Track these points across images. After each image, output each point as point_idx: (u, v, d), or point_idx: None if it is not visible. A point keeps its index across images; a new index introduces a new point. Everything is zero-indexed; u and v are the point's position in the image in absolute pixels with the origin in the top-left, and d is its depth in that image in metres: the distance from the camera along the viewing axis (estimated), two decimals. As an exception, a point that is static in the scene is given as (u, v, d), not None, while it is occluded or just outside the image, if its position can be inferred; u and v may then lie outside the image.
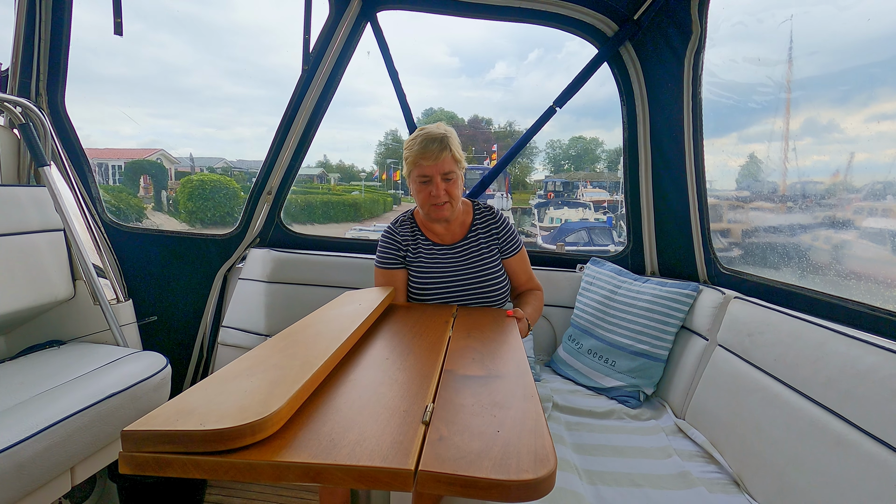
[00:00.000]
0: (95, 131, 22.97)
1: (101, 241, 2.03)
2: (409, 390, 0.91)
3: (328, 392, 0.88)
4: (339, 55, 2.14)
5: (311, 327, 1.16)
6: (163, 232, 2.32)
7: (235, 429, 0.66)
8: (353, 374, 0.98)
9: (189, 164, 14.75)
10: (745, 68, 2.12)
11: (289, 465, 0.64)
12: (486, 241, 1.74)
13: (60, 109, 2.03)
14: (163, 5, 67.79)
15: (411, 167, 1.60)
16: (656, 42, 1.96)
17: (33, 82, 1.96)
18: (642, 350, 1.79)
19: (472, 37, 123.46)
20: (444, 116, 25.23)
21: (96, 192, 2.17)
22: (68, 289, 1.89)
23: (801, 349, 1.22)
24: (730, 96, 2.19)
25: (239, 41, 78.47)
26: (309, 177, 19.30)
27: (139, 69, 51.13)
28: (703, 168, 1.89)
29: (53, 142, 1.94)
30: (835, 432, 1.06)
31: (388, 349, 1.16)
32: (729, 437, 1.38)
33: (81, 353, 1.74)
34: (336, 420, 0.77)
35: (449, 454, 0.68)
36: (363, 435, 0.72)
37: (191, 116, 62.59)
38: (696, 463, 1.37)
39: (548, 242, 11.69)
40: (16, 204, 1.73)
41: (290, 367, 0.88)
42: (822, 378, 1.12)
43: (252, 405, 0.72)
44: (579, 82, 2.15)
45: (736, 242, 2.21)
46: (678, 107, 1.90)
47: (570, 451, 1.39)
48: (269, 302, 2.23)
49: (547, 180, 19.12)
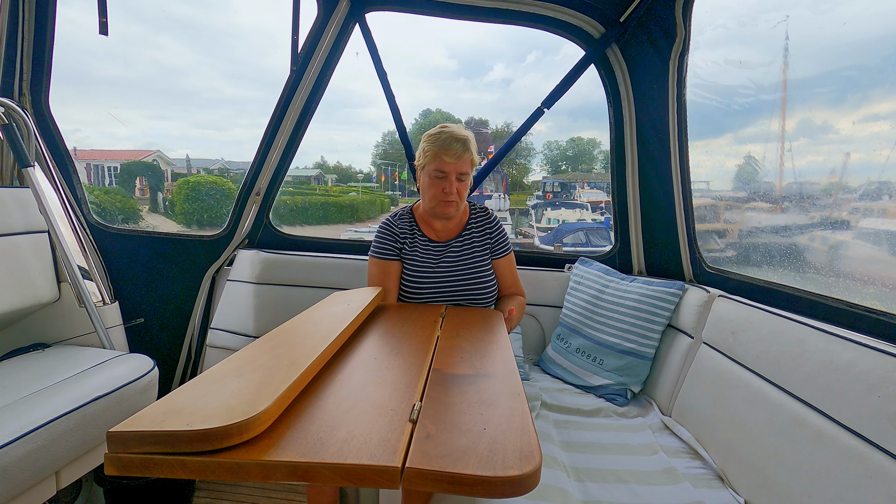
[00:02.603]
0: (94, 133, 22.65)
1: (86, 242, 2.00)
2: (398, 389, 0.91)
3: (316, 392, 0.88)
4: (327, 56, 2.14)
5: (299, 328, 1.16)
6: (150, 233, 2.30)
7: (222, 429, 0.66)
8: (341, 374, 0.98)
9: (185, 165, 14.58)
10: (735, 71, 2.15)
11: (276, 464, 0.65)
12: (480, 241, 1.77)
13: (44, 110, 2.01)
14: (163, 8, 67.26)
15: (430, 159, 1.62)
16: (642, 44, 1.99)
17: (16, 82, 1.93)
18: (629, 349, 1.81)
19: (471, 40, 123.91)
20: (442, 117, 25.16)
21: (81, 194, 2.15)
22: (53, 291, 1.87)
23: (783, 346, 1.24)
24: (719, 99, 2.23)
25: (238, 43, 78.10)
26: (306, 178, 19.20)
27: (138, 71, 50.54)
28: (688, 168, 1.92)
29: (37, 142, 1.92)
30: (815, 427, 1.08)
31: (377, 349, 1.17)
32: (713, 433, 1.41)
33: (67, 356, 1.73)
34: (324, 419, 0.77)
35: (436, 451, 0.69)
36: (351, 434, 0.73)
37: (189, 118, 62.02)
38: (681, 459, 1.39)
39: (545, 243, 11.72)
40: (0, 205, 1.71)
41: (278, 367, 0.88)
42: (803, 374, 1.15)
43: (239, 405, 0.72)
44: (567, 84, 2.17)
45: (732, 243, 2.25)
46: (664, 108, 1.92)
47: (558, 449, 1.41)
48: (258, 303, 2.22)
49: (545, 181, 19.13)
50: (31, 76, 1.95)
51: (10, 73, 1.92)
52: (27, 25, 1.89)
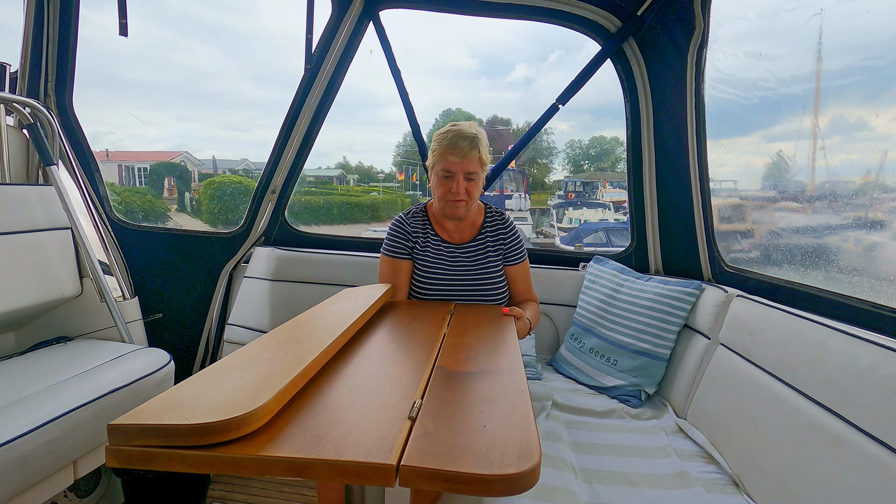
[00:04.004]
0: (126, 135, 23.27)
1: (107, 238, 2.06)
2: (400, 386, 0.91)
3: (319, 387, 0.88)
4: (341, 55, 2.15)
5: (307, 323, 1.17)
6: (168, 230, 2.35)
7: (220, 423, 0.66)
8: (345, 370, 0.98)
9: (212, 166, 14.89)
10: (759, 65, 2.07)
11: (273, 460, 0.65)
12: (493, 246, 1.74)
13: (68, 110, 2.07)
14: (192, 14, 68.62)
15: (437, 159, 1.60)
16: (659, 38, 1.94)
17: (42, 83, 1.99)
18: (644, 349, 1.77)
19: (493, 39, 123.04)
20: (463, 117, 25.08)
21: (104, 191, 2.20)
22: (75, 286, 1.92)
23: (801, 347, 1.20)
24: (741, 94, 2.15)
25: (262, 46, 79.57)
26: (328, 178, 19.38)
27: (168, 75, 51.93)
28: (706, 165, 1.87)
29: (61, 141, 1.97)
30: (833, 432, 1.04)
31: (383, 345, 1.17)
32: (729, 437, 1.37)
33: (87, 349, 1.77)
34: (324, 415, 0.77)
35: (433, 449, 0.68)
36: (349, 430, 0.72)
37: (214, 120, 63.38)
38: (695, 463, 1.36)
39: (566, 243, 11.57)
40: (24, 203, 1.77)
41: (283, 361, 0.88)
42: (822, 377, 1.11)
43: (240, 400, 0.72)
44: (582, 80, 2.14)
45: (761, 243, 2.16)
46: (681, 103, 1.88)
47: (567, 450, 1.39)
48: (274, 300, 2.25)
49: (567, 180, 18.81)
50: (56, 78, 2.01)
51: (36, 75, 1.98)
52: (52, 29, 1.95)
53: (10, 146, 1.84)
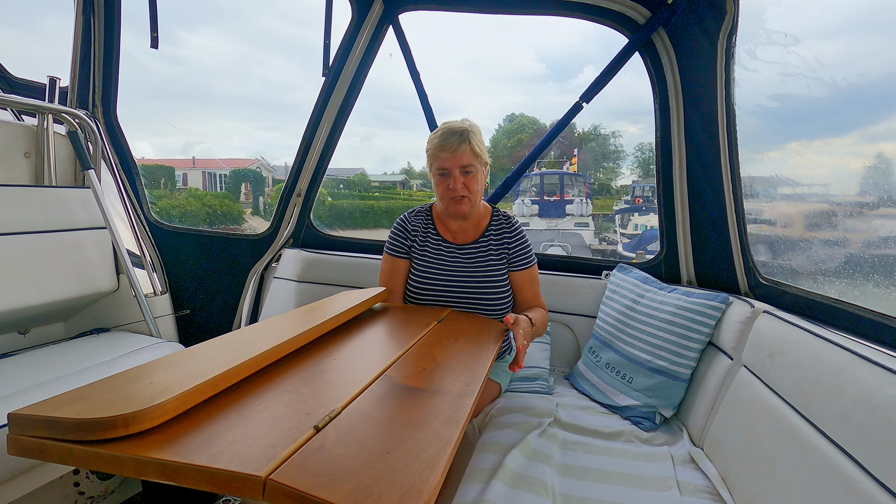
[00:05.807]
0: (213, 144, 25.25)
1: (143, 238, 2.20)
2: (330, 392, 0.87)
3: (247, 390, 0.87)
4: (361, 58, 2.17)
5: (271, 325, 1.16)
6: (200, 231, 2.48)
7: (106, 419, 0.66)
8: (285, 373, 0.96)
9: (285, 172, 15.85)
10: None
11: (148, 461, 0.63)
12: (497, 249, 1.67)
13: (113, 119, 2.25)
14: (277, 31, 72.44)
15: (432, 160, 1.58)
16: (690, 27, 1.77)
17: (90, 95, 2.18)
18: (661, 367, 1.61)
19: (560, 43, 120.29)
20: (526, 121, 24.96)
21: (143, 194, 2.37)
22: (111, 282, 2.07)
23: (819, 373, 1.02)
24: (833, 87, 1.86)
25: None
26: (392, 183, 19.94)
27: (250, 88, 56.25)
28: (737, 165, 1.68)
29: (105, 148, 2.14)
30: (846, 477, 0.87)
31: (346, 349, 1.14)
32: (741, 472, 1.20)
33: (115, 340, 1.90)
34: (227, 419, 0.75)
35: (314, 468, 0.64)
36: (243, 436, 0.70)
37: (290, 129, 67.83)
38: (698, 499, 1.20)
39: (628, 250, 11.05)
40: (66, 203, 1.93)
41: (216, 361, 0.88)
42: (837, 410, 0.93)
43: (142, 397, 0.72)
44: (607, 75, 2.01)
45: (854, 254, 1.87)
46: (711, 96, 1.70)
47: (554, 473, 1.28)
48: (300, 301, 2.30)
49: (634, 185, 17.90)
50: (102, 90, 2.19)
51: (85, 88, 2.17)
52: (97, 45, 2.13)
53: (58, 152, 2.02)
